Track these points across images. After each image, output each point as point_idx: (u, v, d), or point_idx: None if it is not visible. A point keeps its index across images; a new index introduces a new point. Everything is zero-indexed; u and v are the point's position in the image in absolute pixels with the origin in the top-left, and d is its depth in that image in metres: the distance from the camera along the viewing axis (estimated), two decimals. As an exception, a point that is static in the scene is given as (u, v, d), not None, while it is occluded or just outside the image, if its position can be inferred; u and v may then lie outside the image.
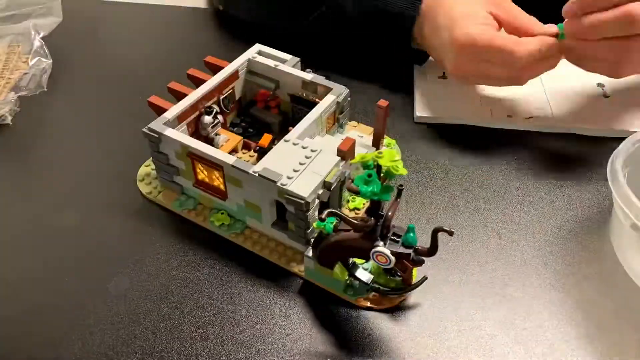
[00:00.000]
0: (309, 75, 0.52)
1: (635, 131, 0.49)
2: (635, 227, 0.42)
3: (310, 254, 0.43)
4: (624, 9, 0.47)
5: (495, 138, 0.58)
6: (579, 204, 0.51)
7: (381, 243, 0.38)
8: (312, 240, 0.43)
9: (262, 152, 0.52)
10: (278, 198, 0.44)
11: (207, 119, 0.51)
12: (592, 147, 0.57)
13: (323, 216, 0.38)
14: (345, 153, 0.45)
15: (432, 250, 0.38)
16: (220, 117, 0.52)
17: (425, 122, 0.60)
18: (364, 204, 0.50)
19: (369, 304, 0.43)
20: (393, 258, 0.38)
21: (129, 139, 0.57)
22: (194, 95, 0.50)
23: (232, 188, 0.46)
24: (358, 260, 0.44)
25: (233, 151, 0.53)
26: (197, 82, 0.52)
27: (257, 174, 0.43)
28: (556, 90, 0.62)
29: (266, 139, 0.53)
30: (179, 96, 0.51)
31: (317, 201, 0.43)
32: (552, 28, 0.52)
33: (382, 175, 0.37)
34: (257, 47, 0.56)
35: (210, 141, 0.51)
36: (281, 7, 0.68)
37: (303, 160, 0.44)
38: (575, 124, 0.58)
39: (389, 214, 0.38)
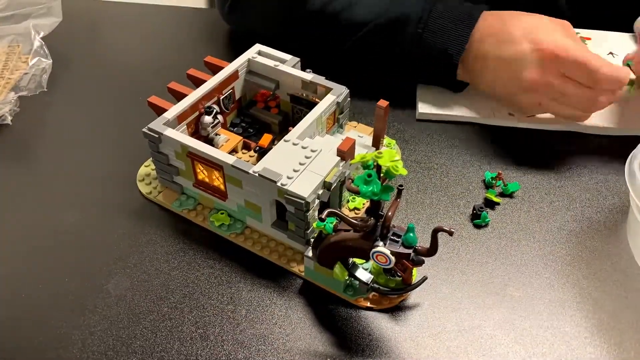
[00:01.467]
0: (308, 76, 0.52)
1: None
2: None
3: (310, 254, 0.43)
4: None
5: (495, 137, 0.58)
6: (579, 204, 0.51)
7: (381, 243, 0.38)
8: (312, 240, 0.43)
9: (262, 152, 0.52)
10: (278, 198, 0.44)
11: (207, 119, 0.51)
12: (592, 146, 0.57)
13: (323, 216, 0.38)
14: (345, 153, 0.45)
15: (432, 250, 0.38)
16: (220, 117, 0.52)
17: (426, 120, 0.60)
18: (363, 204, 0.50)
19: (368, 304, 0.43)
20: (393, 258, 0.38)
21: (129, 139, 0.57)
22: (194, 95, 0.50)
23: (232, 188, 0.46)
24: (358, 260, 0.44)
25: (233, 151, 0.53)
26: (197, 82, 0.52)
27: (257, 174, 0.43)
28: None
29: (266, 139, 0.53)
30: (178, 96, 0.51)
31: (317, 201, 0.43)
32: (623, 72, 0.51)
33: (382, 175, 0.37)
34: (257, 47, 0.56)
35: (210, 141, 0.51)
36: (326, 29, 0.62)
37: (303, 160, 0.44)
38: (575, 123, 0.58)
39: (389, 213, 0.38)
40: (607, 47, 0.68)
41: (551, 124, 0.58)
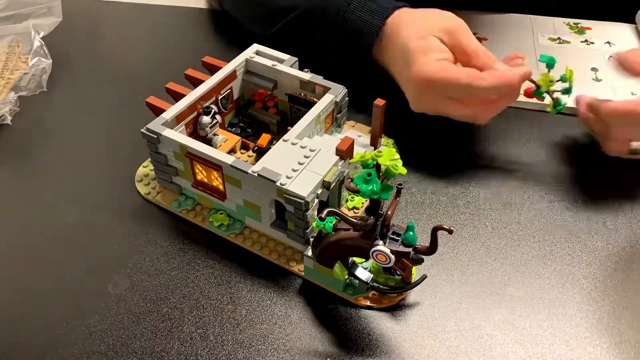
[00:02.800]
0: (306, 75, 0.52)
1: None
2: None
3: (309, 253, 0.43)
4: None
5: (495, 138, 0.58)
6: (579, 203, 0.51)
7: (381, 242, 0.38)
8: (311, 239, 0.43)
9: (260, 152, 0.52)
10: (277, 198, 0.44)
11: (205, 119, 0.51)
12: (590, 147, 0.57)
13: (323, 215, 0.38)
14: (344, 152, 0.45)
15: (432, 248, 0.38)
16: (218, 117, 0.52)
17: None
18: (363, 203, 0.50)
19: (368, 303, 0.43)
20: (392, 257, 0.38)
21: (127, 139, 0.57)
22: (192, 95, 0.50)
23: (231, 188, 0.46)
24: (357, 259, 0.44)
25: (231, 151, 0.52)
26: (195, 83, 0.52)
27: (256, 174, 0.43)
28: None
29: (265, 138, 0.53)
30: (177, 96, 0.51)
31: (316, 201, 0.43)
32: (520, 69, 0.49)
33: (381, 174, 0.37)
34: (255, 47, 0.56)
35: (208, 141, 0.51)
36: (255, 12, 0.68)
37: (302, 160, 0.44)
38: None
39: (389, 212, 0.38)
40: (607, 38, 0.68)
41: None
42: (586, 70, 0.63)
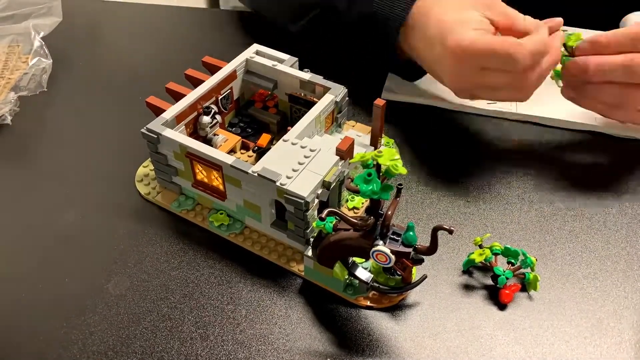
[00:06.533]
0: (307, 75, 0.52)
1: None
2: None
3: (309, 253, 0.43)
4: (629, 56, 0.49)
5: (495, 137, 0.58)
6: (579, 204, 0.51)
7: (381, 242, 0.38)
8: (311, 239, 0.43)
9: (260, 152, 0.52)
10: (277, 198, 0.44)
11: (206, 119, 0.51)
12: (590, 147, 0.57)
13: (323, 215, 0.38)
14: (344, 152, 0.45)
15: (432, 248, 0.38)
16: (218, 117, 0.52)
17: (392, 100, 0.60)
18: (363, 203, 0.50)
19: (368, 303, 0.43)
20: (393, 257, 0.38)
21: (128, 139, 0.57)
22: (192, 95, 0.50)
23: (231, 188, 0.46)
24: (358, 260, 0.44)
25: (231, 151, 0.52)
26: (195, 83, 0.52)
27: (256, 174, 0.43)
28: None
29: (265, 138, 0.53)
30: (177, 96, 0.51)
31: (316, 200, 0.43)
32: (551, 23, 0.51)
33: (381, 174, 0.37)
34: (255, 47, 0.56)
35: (208, 141, 0.51)
36: (279, 7, 0.68)
37: (302, 160, 0.44)
38: (537, 114, 0.58)
39: (389, 212, 0.38)
40: None
41: (511, 115, 0.59)
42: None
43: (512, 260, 0.45)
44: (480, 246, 0.46)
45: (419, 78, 0.62)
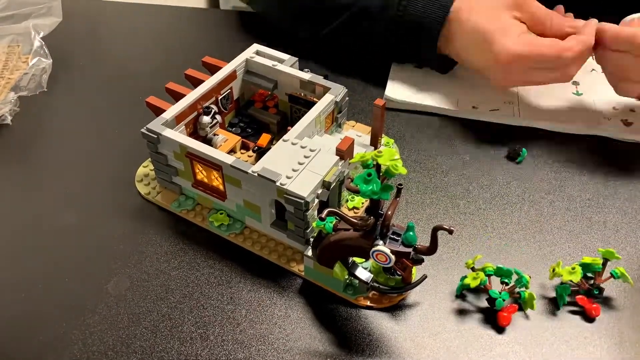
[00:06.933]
0: (307, 75, 0.52)
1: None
2: None
3: (309, 253, 0.43)
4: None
5: (495, 137, 0.58)
6: (579, 204, 0.51)
7: (381, 242, 0.38)
8: (311, 239, 0.43)
9: (260, 152, 0.52)
10: (277, 198, 0.44)
11: (206, 119, 0.51)
12: (590, 149, 0.57)
13: (323, 215, 0.38)
14: (344, 152, 0.45)
15: (432, 248, 0.38)
16: (218, 117, 0.52)
17: (394, 108, 0.60)
18: (363, 203, 0.50)
19: (368, 303, 0.43)
20: (393, 257, 0.38)
21: (128, 139, 0.57)
22: (192, 95, 0.50)
23: (231, 188, 0.46)
24: (358, 259, 0.44)
25: (231, 151, 0.52)
26: (195, 83, 0.52)
27: (256, 174, 0.43)
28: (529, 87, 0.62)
29: (265, 138, 0.53)
30: (177, 96, 0.51)
31: (316, 200, 0.43)
32: (581, 23, 0.53)
33: (381, 174, 0.37)
34: (255, 47, 0.56)
35: (208, 141, 0.51)
36: (303, 12, 0.66)
37: (302, 160, 0.44)
38: (540, 121, 0.58)
39: (389, 212, 0.38)
40: None
41: (514, 121, 0.59)
42: (567, 85, 0.63)
43: (506, 280, 0.44)
44: (473, 269, 0.44)
45: (449, 70, 0.63)
